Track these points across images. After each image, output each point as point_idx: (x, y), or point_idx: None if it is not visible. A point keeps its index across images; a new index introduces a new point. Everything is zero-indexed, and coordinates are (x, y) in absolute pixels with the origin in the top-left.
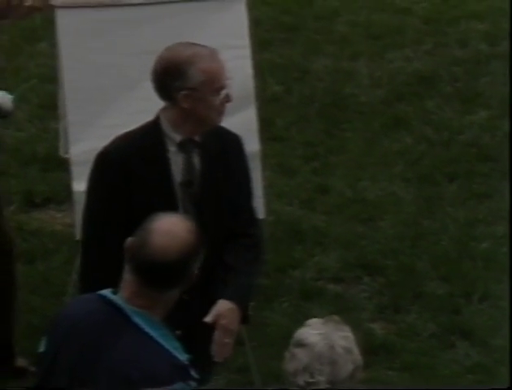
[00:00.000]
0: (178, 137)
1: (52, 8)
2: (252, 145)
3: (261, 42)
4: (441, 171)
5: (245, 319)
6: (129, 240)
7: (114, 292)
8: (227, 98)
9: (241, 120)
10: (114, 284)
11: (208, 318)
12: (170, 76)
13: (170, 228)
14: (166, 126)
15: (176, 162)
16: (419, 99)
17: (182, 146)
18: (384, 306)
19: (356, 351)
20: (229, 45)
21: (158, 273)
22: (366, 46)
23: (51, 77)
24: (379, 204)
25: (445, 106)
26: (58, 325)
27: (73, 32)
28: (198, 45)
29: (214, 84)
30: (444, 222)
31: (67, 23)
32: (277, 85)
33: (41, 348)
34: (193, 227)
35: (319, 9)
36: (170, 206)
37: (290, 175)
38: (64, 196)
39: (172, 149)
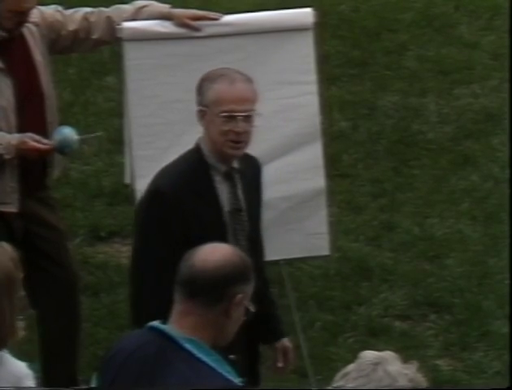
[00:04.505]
0: (223, 167)
1: (119, 41)
2: (318, 181)
3: (329, 78)
4: (507, 209)
5: None
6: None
7: (164, 323)
8: (243, 128)
9: (308, 156)
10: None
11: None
12: (197, 93)
13: (215, 247)
14: (209, 156)
15: (223, 192)
16: (486, 136)
17: (227, 176)
18: (450, 344)
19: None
20: (296, 80)
21: (195, 282)
22: (434, 82)
23: (119, 111)
24: (446, 242)
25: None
26: (110, 360)
27: (140, 66)
28: (232, 69)
29: (221, 106)
30: (510, 260)
31: (133, 57)
32: (344, 121)
33: (93, 383)
34: (242, 254)
35: (388, 43)
36: (221, 236)
37: (357, 212)
38: (130, 230)
39: (217, 178)
